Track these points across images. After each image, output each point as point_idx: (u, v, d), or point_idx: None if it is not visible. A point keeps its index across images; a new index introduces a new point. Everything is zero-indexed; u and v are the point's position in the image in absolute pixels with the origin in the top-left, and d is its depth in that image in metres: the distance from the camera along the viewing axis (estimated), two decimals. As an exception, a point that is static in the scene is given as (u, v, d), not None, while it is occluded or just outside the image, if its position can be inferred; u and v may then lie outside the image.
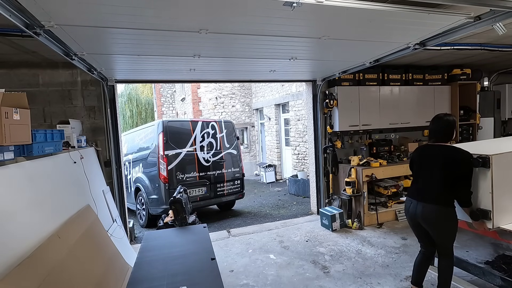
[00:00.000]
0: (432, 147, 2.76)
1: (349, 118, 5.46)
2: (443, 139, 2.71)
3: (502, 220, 2.61)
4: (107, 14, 2.20)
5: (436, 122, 2.76)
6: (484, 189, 2.60)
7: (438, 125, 2.74)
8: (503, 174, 2.59)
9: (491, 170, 2.52)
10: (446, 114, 2.80)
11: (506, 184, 2.61)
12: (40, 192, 2.47)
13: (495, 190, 2.53)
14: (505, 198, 2.61)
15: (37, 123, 4.19)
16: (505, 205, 2.61)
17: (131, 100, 18.53)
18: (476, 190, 2.66)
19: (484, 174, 2.59)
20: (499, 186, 2.56)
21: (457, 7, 2.38)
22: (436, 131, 2.75)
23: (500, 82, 6.77)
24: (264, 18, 2.40)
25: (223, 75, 5.08)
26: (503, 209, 2.60)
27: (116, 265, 3.17)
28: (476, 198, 2.67)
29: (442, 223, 2.65)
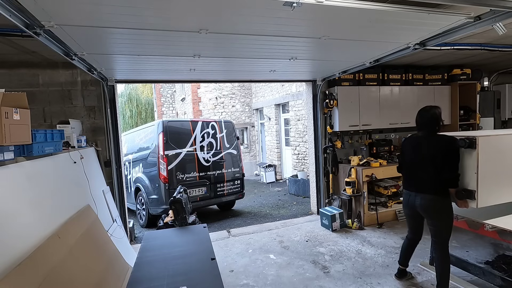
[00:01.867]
0: (421, 138, 2.89)
1: (349, 118, 5.45)
2: (431, 130, 2.84)
3: (486, 201, 2.72)
4: (107, 14, 2.20)
5: (423, 115, 2.89)
6: (470, 169, 2.70)
7: (425, 118, 2.86)
8: (488, 156, 2.69)
9: (477, 151, 2.63)
10: (432, 106, 2.90)
11: (490, 165, 2.71)
12: (40, 192, 2.47)
13: (480, 171, 2.64)
14: (490, 179, 2.71)
15: (37, 123, 4.19)
16: (489, 186, 2.70)
17: (131, 100, 18.53)
18: (462, 171, 2.77)
19: (471, 155, 2.69)
20: (484, 167, 2.66)
21: (457, 7, 2.38)
22: (423, 123, 2.88)
23: (500, 82, 6.77)
24: (264, 18, 2.40)
25: (223, 75, 5.09)
26: (487, 190, 2.70)
27: (116, 265, 3.17)
28: (463, 178, 2.77)
29: (440, 213, 2.80)
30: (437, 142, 2.78)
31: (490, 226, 2.63)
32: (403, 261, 3.31)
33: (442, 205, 2.78)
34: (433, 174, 2.76)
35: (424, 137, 2.88)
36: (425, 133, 2.89)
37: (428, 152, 2.80)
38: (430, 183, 2.79)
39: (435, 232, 2.90)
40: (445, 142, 2.74)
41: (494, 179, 2.74)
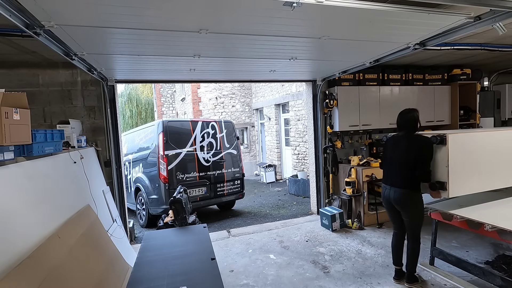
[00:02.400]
0: (401, 138, 3.19)
1: (349, 118, 5.45)
2: (410, 131, 3.14)
3: (456, 191, 3.04)
4: (107, 14, 2.20)
5: (403, 117, 3.20)
6: (442, 163, 3.00)
7: (405, 119, 3.18)
8: (457, 151, 3.00)
9: (447, 147, 2.94)
10: (411, 109, 3.20)
11: (460, 160, 3.02)
12: (40, 192, 2.47)
13: (450, 165, 2.95)
14: (459, 172, 3.01)
15: (37, 123, 4.19)
16: (458, 178, 3.02)
17: (131, 100, 18.53)
18: (435, 165, 3.07)
19: (442, 150, 2.99)
20: (454, 161, 2.98)
21: (457, 7, 2.38)
22: (403, 124, 3.18)
23: (500, 82, 6.77)
24: (264, 18, 2.40)
25: (223, 75, 5.09)
26: (457, 181, 3.01)
27: (116, 265, 3.17)
28: (435, 172, 3.07)
29: (410, 206, 3.08)
30: (414, 141, 3.06)
31: (490, 226, 2.63)
32: (396, 260, 3.36)
33: (412, 198, 3.05)
34: (407, 170, 3.04)
35: (403, 137, 3.17)
36: (404, 133, 3.18)
37: (405, 150, 3.08)
38: (403, 178, 3.06)
39: (407, 223, 3.17)
40: (421, 141, 3.02)
41: (463, 172, 3.05)
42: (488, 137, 3.32)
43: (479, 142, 3.23)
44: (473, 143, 3.18)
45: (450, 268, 3.42)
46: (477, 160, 3.16)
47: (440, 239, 3.89)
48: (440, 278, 3.33)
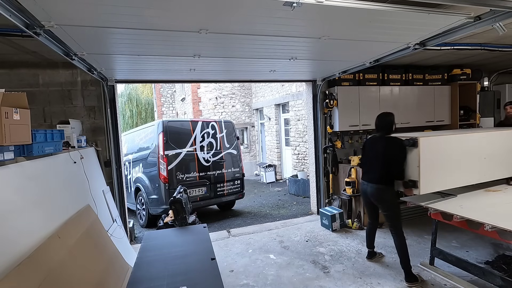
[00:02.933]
0: (378, 138, 3.51)
1: (349, 118, 5.45)
2: (386, 132, 3.45)
3: (427, 188, 3.32)
4: (107, 14, 2.20)
5: (381, 119, 3.50)
6: (414, 163, 3.28)
7: (383, 122, 3.48)
8: (428, 153, 3.28)
9: (418, 149, 3.21)
10: (388, 113, 3.52)
11: (430, 160, 3.30)
12: (40, 192, 2.47)
13: (421, 165, 3.22)
14: (429, 171, 3.30)
15: (37, 123, 4.19)
16: (429, 176, 3.30)
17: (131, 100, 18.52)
18: (408, 165, 3.35)
19: (414, 152, 3.27)
20: (425, 161, 3.25)
21: (457, 7, 2.38)
22: (381, 126, 3.49)
23: (500, 82, 6.77)
24: (264, 18, 2.40)
25: (223, 75, 5.09)
26: (427, 180, 3.29)
27: (116, 265, 3.17)
28: (408, 171, 3.35)
29: (385, 199, 3.40)
30: (389, 142, 3.37)
31: (490, 226, 2.63)
32: (369, 244, 3.87)
33: (386, 193, 3.37)
34: (382, 168, 3.36)
35: (380, 138, 3.48)
36: (381, 134, 3.49)
37: (382, 149, 3.39)
38: (380, 175, 3.38)
39: (386, 217, 3.46)
40: (395, 143, 3.33)
41: (433, 171, 3.33)
42: (457, 139, 3.64)
43: (449, 144, 3.53)
44: (443, 145, 3.47)
45: (450, 268, 3.42)
46: (446, 160, 3.44)
47: (440, 239, 3.88)
48: (440, 278, 3.33)
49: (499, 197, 3.48)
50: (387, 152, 3.32)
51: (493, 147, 3.78)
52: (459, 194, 3.56)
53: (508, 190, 3.67)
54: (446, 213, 3.09)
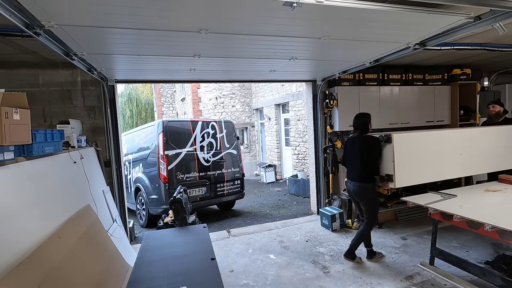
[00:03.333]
0: (356, 138, 3.72)
1: (349, 118, 5.38)
2: (362, 131, 3.68)
3: (401, 182, 3.60)
4: (107, 14, 2.20)
5: (358, 119, 3.74)
6: (389, 159, 3.53)
7: (360, 122, 3.71)
8: (402, 148, 3.54)
9: (392, 145, 3.46)
10: (365, 114, 3.75)
11: (404, 155, 3.55)
12: (40, 192, 2.47)
13: (396, 160, 3.48)
14: (403, 166, 3.55)
15: (37, 123, 4.19)
16: (403, 171, 3.55)
17: (131, 100, 18.52)
18: (384, 160, 3.62)
19: (388, 147, 3.53)
20: (399, 156, 3.51)
21: (457, 7, 2.38)
22: (358, 125, 3.72)
23: (500, 82, 6.77)
24: (264, 18, 2.40)
25: (223, 75, 5.08)
26: (402, 174, 3.55)
27: (116, 265, 3.17)
28: (384, 166, 3.62)
29: (364, 196, 3.64)
30: (365, 140, 3.60)
31: (490, 226, 2.63)
32: (366, 243, 3.87)
33: (365, 189, 3.60)
34: (361, 166, 3.57)
35: (357, 137, 3.70)
36: (358, 133, 3.71)
37: (359, 148, 3.60)
38: (358, 172, 3.60)
39: (364, 211, 3.73)
40: (370, 140, 3.56)
41: (407, 166, 3.59)
42: (429, 136, 3.91)
43: (422, 141, 3.79)
44: (416, 142, 3.74)
45: (450, 268, 3.42)
46: (421, 156, 3.71)
47: (440, 239, 3.88)
48: (440, 278, 3.33)
49: (499, 197, 3.48)
50: (364, 150, 3.54)
51: (471, 144, 4.05)
52: (459, 194, 3.57)
53: (508, 190, 3.68)
54: (446, 213, 3.10)
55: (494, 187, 3.82)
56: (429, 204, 3.29)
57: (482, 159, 4.12)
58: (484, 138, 4.16)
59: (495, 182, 4.13)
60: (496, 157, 4.19)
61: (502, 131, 4.28)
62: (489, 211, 2.98)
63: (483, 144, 4.12)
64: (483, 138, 4.16)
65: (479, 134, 4.21)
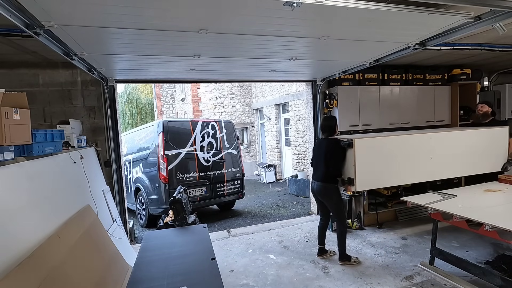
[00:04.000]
0: (323, 140, 3.87)
1: (349, 118, 5.45)
2: (329, 134, 3.81)
3: (362, 186, 3.65)
4: (107, 14, 2.20)
5: (325, 121, 3.90)
6: (351, 163, 3.56)
7: (326, 124, 3.85)
8: (363, 153, 3.56)
9: (354, 149, 3.49)
10: (332, 117, 3.97)
11: (365, 159, 3.58)
12: (40, 192, 2.47)
13: (357, 164, 3.51)
14: (365, 170, 3.58)
15: (37, 123, 4.19)
16: (364, 175, 3.58)
17: (131, 100, 18.52)
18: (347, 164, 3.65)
19: (350, 152, 3.56)
20: (360, 161, 3.53)
21: (457, 7, 2.38)
22: (324, 128, 3.86)
23: (500, 82, 6.76)
24: (264, 18, 2.40)
25: (223, 75, 5.08)
26: (363, 178, 3.57)
27: (116, 265, 3.17)
28: (347, 169, 3.66)
29: (329, 196, 3.74)
30: (330, 143, 3.70)
31: (490, 226, 2.63)
32: (320, 241, 4.04)
33: (329, 189, 3.70)
34: (325, 167, 3.68)
35: (324, 139, 3.84)
36: (325, 135, 3.85)
37: (324, 150, 3.72)
38: (323, 173, 3.70)
39: (331, 210, 3.85)
40: (334, 143, 3.66)
41: (368, 170, 3.60)
42: (393, 140, 3.88)
43: (386, 145, 3.77)
44: (380, 146, 3.73)
45: (450, 268, 3.42)
46: (384, 160, 3.70)
47: (440, 239, 3.89)
48: (440, 278, 3.33)
49: (499, 197, 3.48)
50: (327, 152, 3.66)
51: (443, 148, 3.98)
52: (459, 194, 3.57)
53: (508, 190, 3.68)
54: (446, 213, 3.10)
55: (494, 187, 3.82)
56: (429, 204, 3.29)
57: (455, 162, 4.06)
58: (458, 142, 4.09)
59: (495, 182, 4.13)
60: (471, 160, 4.12)
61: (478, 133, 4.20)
62: (489, 211, 2.99)
63: (457, 147, 4.05)
64: (457, 142, 4.08)
65: (452, 137, 4.11)
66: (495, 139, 4.25)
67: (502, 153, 4.28)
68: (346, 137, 3.77)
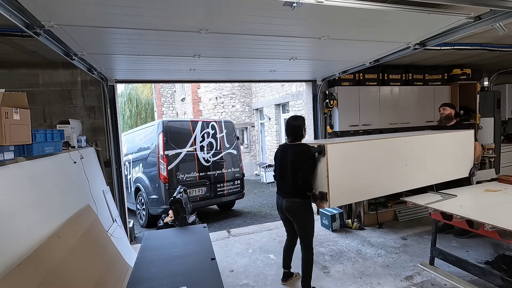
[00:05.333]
0: (287, 146, 3.11)
1: (349, 118, 5.45)
2: (295, 138, 3.07)
3: (336, 201, 3.01)
4: (107, 14, 2.20)
5: (289, 124, 3.10)
6: (323, 174, 2.91)
7: (291, 127, 3.07)
8: (337, 161, 2.93)
9: (326, 157, 2.84)
10: (298, 116, 3.14)
11: (339, 170, 2.95)
12: (40, 192, 2.47)
13: (330, 175, 2.86)
14: (339, 183, 2.94)
15: (37, 123, 4.18)
16: (338, 188, 2.94)
17: (131, 100, 18.52)
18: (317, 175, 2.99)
19: (322, 160, 2.90)
20: (334, 171, 2.89)
21: (457, 7, 2.38)
22: (289, 131, 3.09)
23: (500, 82, 6.77)
24: (264, 18, 2.40)
25: (223, 75, 5.08)
26: (337, 192, 2.93)
27: (116, 265, 3.17)
28: (318, 182, 2.99)
29: (300, 215, 3.01)
30: (297, 150, 2.98)
31: (490, 226, 2.63)
32: (285, 264, 3.43)
33: (300, 207, 2.99)
34: (294, 179, 2.94)
35: (289, 145, 3.09)
36: (290, 140, 3.10)
37: (290, 158, 2.98)
38: (291, 187, 2.97)
39: (299, 231, 3.10)
40: (302, 149, 2.94)
41: (343, 182, 2.99)
42: (373, 145, 3.31)
43: (363, 151, 3.21)
44: (356, 152, 3.16)
45: (450, 268, 3.42)
46: (360, 169, 3.14)
47: (440, 239, 3.89)
48: (440, 278, 3.33)
49: (499, 197, 3.48)
50: (295, 161, 2.93)
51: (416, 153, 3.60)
52: (459, 194, 3.57)
53: (508, 190, 3.68)
54: (446, 213, 3.10)
55: (494, 187, 3.82)
56: (429, 204, 3.29)
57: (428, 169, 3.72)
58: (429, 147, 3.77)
59: (495, 182, 4.13)
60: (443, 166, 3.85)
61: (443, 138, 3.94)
62: (489, 211, 2.99)
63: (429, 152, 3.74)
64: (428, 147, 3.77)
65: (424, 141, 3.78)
66: (461, 143, 4.02)
67: (469, 158, 4.08)
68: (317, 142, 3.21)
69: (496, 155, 6.20)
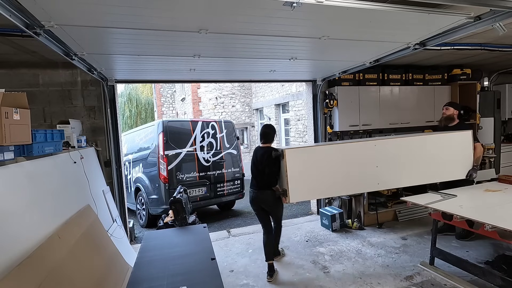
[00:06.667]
0: (259, 148, 3.71)
1: (349, 118, 5.45)
2: (266, 141, 3.66)
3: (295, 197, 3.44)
4: (107, 14, 2.20)
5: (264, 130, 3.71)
6: (284, 174, 3.41)
7: (265, 132, 3.68)
8: (295, 163, 3.41)
9: (285, 160, 3.35)
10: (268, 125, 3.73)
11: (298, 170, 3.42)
12: (40, 192, 2.47)
13: (289, 175, 3.35)
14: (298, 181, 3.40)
15: (37, 123, 4.19)
16: (297, 186, 3.40)
17: (131, 100, 18.51)
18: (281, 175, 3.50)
19: (283, 162, 3.42)
20: (292, 172, 3.37)
21: (457, 7, 2.38)
22: (263, 135, 3.70)
23: (500, 82, 6.77)
24: (264, 18, 2.40)
25: (223, 75, 5.08)
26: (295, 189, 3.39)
27: (116, 265, 3.17)
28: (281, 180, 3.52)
29: (271, 202, 3.61)
30: (264, 151, 3.56)
31: (490, 226, 2.63)
32: (267, 256, 3.67)
33: (270, 197, 3.57)
34: (260, 175, 3.57)
35: (260, 147, 3.71)
36: (263, 143, 3.71)
37: (259, 158, 3.59)
38: (262, 181, 3.57)
39: (271, 215, 3.75)
40: (267, 152, 3.52)
41: (302, 181, 3.43)
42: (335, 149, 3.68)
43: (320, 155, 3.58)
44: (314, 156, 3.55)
45: (450, 268, 3.42)
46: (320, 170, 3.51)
47: (440, 239, 3.89)
48: (440, 278, 3.34)
49: (499, 197, 3.48)
50: (262, 161, 3.53)
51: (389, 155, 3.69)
52: (459, 194, 3.57)
53: (508, 190, 3.67)
54: (446, 213, 3.10)
55: (494, 187, 3.81)
56: (429, 204, 3.29)
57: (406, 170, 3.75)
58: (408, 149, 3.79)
59: (495, 182, 4.12)
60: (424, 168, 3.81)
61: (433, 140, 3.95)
62: (489, 211, 2.98)
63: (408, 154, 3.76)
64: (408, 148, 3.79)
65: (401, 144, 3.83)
66: (456, 144, 3.91)
67: (466, 159, 3.92)
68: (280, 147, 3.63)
69: (496, 155, 6.19)
